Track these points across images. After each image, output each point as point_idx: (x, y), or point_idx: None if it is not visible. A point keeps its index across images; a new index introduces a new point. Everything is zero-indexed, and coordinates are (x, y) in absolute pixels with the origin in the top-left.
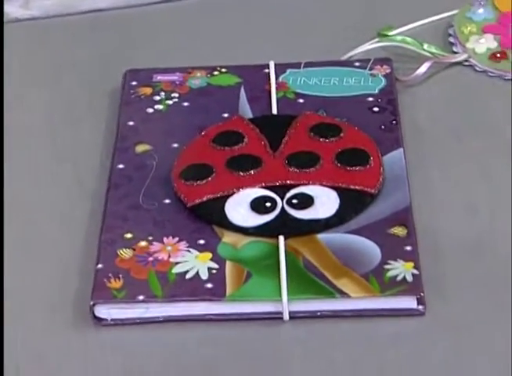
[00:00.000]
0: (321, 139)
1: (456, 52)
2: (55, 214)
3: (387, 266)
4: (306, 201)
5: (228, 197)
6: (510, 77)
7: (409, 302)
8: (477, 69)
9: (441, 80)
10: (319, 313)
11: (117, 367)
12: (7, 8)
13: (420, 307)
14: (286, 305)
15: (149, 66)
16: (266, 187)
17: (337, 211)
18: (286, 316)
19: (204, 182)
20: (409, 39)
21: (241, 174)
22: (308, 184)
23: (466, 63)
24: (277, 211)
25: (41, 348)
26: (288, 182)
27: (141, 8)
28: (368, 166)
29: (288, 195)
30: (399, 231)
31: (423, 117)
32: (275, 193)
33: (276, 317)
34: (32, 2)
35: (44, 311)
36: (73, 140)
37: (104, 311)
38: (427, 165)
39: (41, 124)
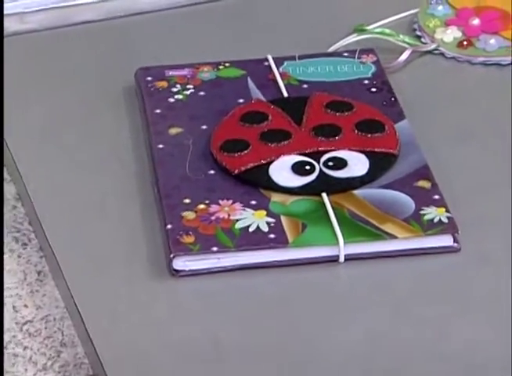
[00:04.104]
0: (337, 114)
1: (425, 43)
2: (109, 193)
3: (422, 212)
4: (340, 163)
5: (269, 163)
6: (477, 61)
7: (446, 240)
8: (447, 56)
9: (419, 66)
10: (370, 255)
11: (197, 312)
12: (4, 22)
13: (456, 244)
14: (343, 248)
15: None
16: (301, 154)
17: (369, 170)
18: (342, 258)
19: (244, 153)
20: (387, 30)
21: (275, 145)
22: (338, 150)
23: (436, 52)
24: (316, 173)
25: (127, 299)
26: (319, 149)
27: (128, 18)
28: (385, 133)
29: (323, 159)
30: (424, 184)
31: (409, 97)
32: (311, 158)
33: (333, 260)
34: (28, 17)
35: (123, 268)
36: (102, 133)
37: (181, 263)
38: (423, 133)
39: (64, 125)
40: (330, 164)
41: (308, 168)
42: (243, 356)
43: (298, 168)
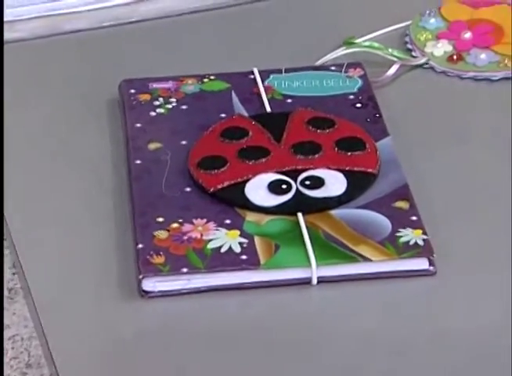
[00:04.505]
0: (318, 131)
1: (415, 56)
2: (83, 208)
3: (398, 234)
4: (317, 182)
5: (246, 182)
6: (467, 76)
7: (421, 264)
8: (437, 70)
9: (407, 81)
10: (343, 277)
11: (165, 333)
12: None
13: (431, 268)
14: (315, 271)
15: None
16: (278, 172)
17: (347, 189)
18: (314, 281)
19: (221, 170)
20: (375, 44)
21: (253, 162)
22: (316, 168)
23: (426, 66)
24: (293, 192)
25: (94, 320)
26: (297, 167)
27: (116, 27)
28: (366, 151)
29: (300, 178)
30: (402, 204)
31: (396, 113)
32: (288, 176)
33: (305, 282)
34: (18, 25)
35: (93, 287)
36: (82, 145)
37: (150, 284)
38: (406, 151)
39: (45, 135)
40: (307, 182)
41: (284, 186)
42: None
43: (274, 187)
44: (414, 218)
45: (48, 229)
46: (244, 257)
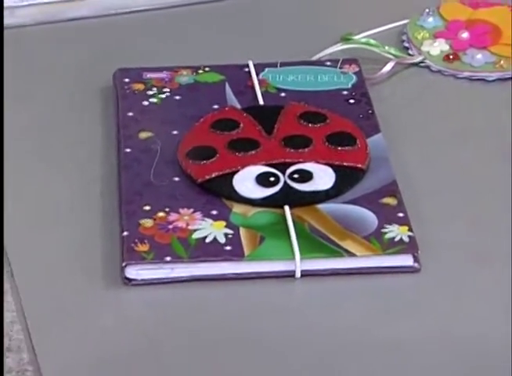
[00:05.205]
0: (310, 125)
1: (411, 55)
2: (71, 195)
3: (384, 230)
4: (306, 176)
5: (234, 173)
6: (462, 76)
7: (406, 260)
8: (433, 69)
9: (403, 79)
10: (326, 271)
11: (147, 322)
12: None
13: (416, 264)
14: (299, 264)
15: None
16: (267, 165)
17: (335, 184)
18: (298, 274)
19: (210, 161)
20: (372, 41)
21: (242, 154)
22: (305, 162)
23: (423, 64)
24: (280, 185)
25: (76, 306)
26: (286, 160)
27: (121, 16)
28: (356, 146)
29: (288, 171)
30: (390, 201)
31: (389, 110)
32: (277, 169)
33: (289, 275)
34: (18, 11)
35: (76, 274)
36: (74, 132)
37: (134, 272)
38: (397, 148)
39: (39, 121)
40: (295, 176)
41: (272, 179)
42: (189, 370)
43: (262, 179)
44: (401, 214)
45: (35, 214)
46: (229, 248)
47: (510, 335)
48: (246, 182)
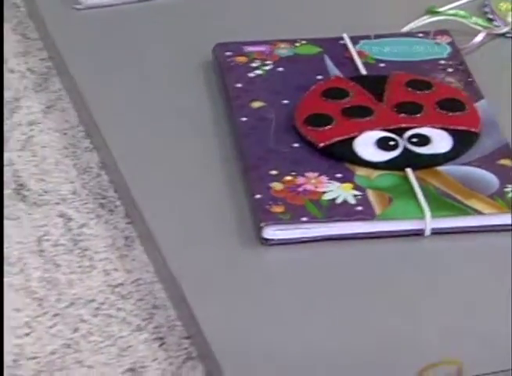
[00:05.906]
0: (418, 92)
1: (497, 26)
2: (192, 164)
3: (506, 189)
4: (424, 140)
5: (353, 138)
6: None
7: None
8: None
9: (492, 49)
10: (455, 229)
11: (285, 281)
12: None
13: None
14: (429, 222)
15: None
16: (384, 130)
17: (452, 147)
18: (428, 232)
19: (328, 127)
20: (461, 12)
21: (358, 120)
22: (420, 127)
23: (509, 35)
24: (401, 148)
25: (218, 264)
26: (402, 125)
27: None
28: (466, 111)
29: (406, 135)
30: (507, 162)
31: (485, 78)
32: (394, 134)
33: (418, 234)
34: None
35: (212, 235)
36: (182, 106)
37: (271, 232)
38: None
39: (145, 96)
40: (414, 140)
41: (392, 143)
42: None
43: (383, 144)
44: None
45: (162, 182)
46: (360, 208)
47: None
48: (366, 146)
